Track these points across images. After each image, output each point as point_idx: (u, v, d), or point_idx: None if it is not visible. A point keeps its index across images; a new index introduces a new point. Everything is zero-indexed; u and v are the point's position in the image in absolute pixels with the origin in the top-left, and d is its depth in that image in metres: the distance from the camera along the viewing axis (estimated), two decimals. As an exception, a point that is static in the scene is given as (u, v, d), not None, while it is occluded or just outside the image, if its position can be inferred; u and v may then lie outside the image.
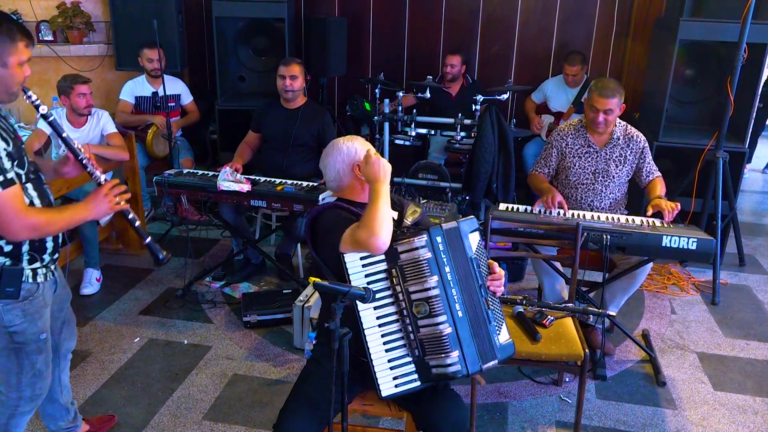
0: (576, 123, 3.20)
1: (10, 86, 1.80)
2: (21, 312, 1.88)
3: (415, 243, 1.80)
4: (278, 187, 3.40)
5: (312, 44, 4.81)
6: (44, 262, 1.93)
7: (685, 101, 4.23)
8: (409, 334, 1.82)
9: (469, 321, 1.85)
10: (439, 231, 1.83)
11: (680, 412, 2.75)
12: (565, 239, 2.72)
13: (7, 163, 1.72)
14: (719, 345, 3.30)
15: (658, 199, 2.95)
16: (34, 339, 1.93)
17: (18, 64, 1.78)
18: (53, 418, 2.28)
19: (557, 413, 2.72)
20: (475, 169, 4.00)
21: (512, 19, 5.06)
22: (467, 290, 1.87)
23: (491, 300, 1.93)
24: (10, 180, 1.73)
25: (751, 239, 4.71)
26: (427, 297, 1.79)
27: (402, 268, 1.81)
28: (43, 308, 1.95)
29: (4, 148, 1.72)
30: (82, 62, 4.82)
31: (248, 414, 2.65)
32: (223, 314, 3.46)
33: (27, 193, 1.84)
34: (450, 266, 1.83)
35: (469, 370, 1.81)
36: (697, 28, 3.80)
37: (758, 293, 3.91)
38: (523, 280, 3.93)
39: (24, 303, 1.88)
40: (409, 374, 1.82)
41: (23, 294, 1.87)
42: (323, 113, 3.84)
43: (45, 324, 1.97)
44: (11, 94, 1.82)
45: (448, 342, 1.79)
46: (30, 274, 1.89)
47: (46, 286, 1.95)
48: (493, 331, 1.89)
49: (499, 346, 1.91)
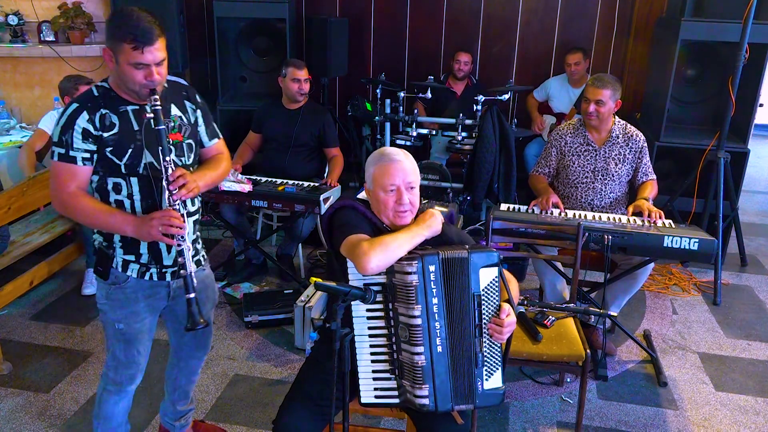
0: (575, 122, 3.20)
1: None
2: (105, 293, 1.99)
3: (405, 267, 1.69)
4: (279, 187, 3.40)
5: (313, 44, 4.81)
6: (141, 260, 1.96)
7: (687, 101, 4.23)
8: (393, 353, 1.78)
9: (449, 358, 1.74)
10: (435, 260, 1.70)
11: (682, 413, 2.75)
12: (566, 239, 2.71)
13: (78, 141, 1.81)
14: (721, 345, 3.29)
15: (643, 201, 2.96)
16: (111, 324, 2.01)
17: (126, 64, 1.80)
18: (162, 411, 2.41)
19: (558, 414, 2.72)
20: (477, 169, 4.00)
21: (513, 19, 5.05)
22: (457, 326, 1.75)
23: (487, 343, 1.78)
24: (71, 157, 1.82)
25: (752, 239, 4.71)
26: (408, 323, 1.72)
27: (395, 287, 1.73)
28: (128, 301, 1.99)
29: (83, 128, 1.81)
30: (83, 63, 4.82)
31: (249, 414, 2.66)
32: (224, 314, 3.46)
33: (126, 185, 1.88)
34: (439, 298, 1.72)
35: (438, 407, 1.74)
36: (698, 28, 3.80)
37: (760, 293, 3.90)
38: (525, 280, 3.92)
39: (110, 287, 1.97)
40: (390, 390, 1.80)
41: (111, 279, 1.96)
42: (324, 113, 3.84)
43: (128, 317, 2.00)
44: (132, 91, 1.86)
45: (420, 374, 1.72)
46: (121, 262, 1.95)
47: (138, 283, 1.98)
48: (478, 375, 1.77)
49: (481, 392, 1.78)
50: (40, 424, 2.57)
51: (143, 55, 1.77)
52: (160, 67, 1.82)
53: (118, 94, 1.88)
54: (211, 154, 2.18)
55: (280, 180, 3.53)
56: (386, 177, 1.85)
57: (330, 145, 3.81)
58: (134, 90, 1.84)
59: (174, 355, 2.31)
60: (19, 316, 3.39)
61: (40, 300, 3.55)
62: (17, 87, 4.82)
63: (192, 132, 2.04)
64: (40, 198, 3.34)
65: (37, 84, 4.83)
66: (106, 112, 1.84)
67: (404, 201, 1.84)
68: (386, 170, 1.85)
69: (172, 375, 2.32)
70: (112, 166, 1.87)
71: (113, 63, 1.81)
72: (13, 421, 2.58)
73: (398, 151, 1.91)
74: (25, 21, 4.81)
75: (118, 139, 1.85)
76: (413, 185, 1.87)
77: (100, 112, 1.84)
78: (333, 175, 3.66)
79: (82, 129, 1.82)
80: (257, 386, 2.84)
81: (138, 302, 2.00)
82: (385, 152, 1.91)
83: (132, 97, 1.87)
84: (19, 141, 4.12)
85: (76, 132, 1.81)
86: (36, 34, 4.86)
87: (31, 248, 3.41)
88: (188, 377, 2.33)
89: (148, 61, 1.78)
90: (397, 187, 1.84)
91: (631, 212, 2.92)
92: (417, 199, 1.88)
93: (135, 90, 1.83)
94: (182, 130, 1.99)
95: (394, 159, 1.87)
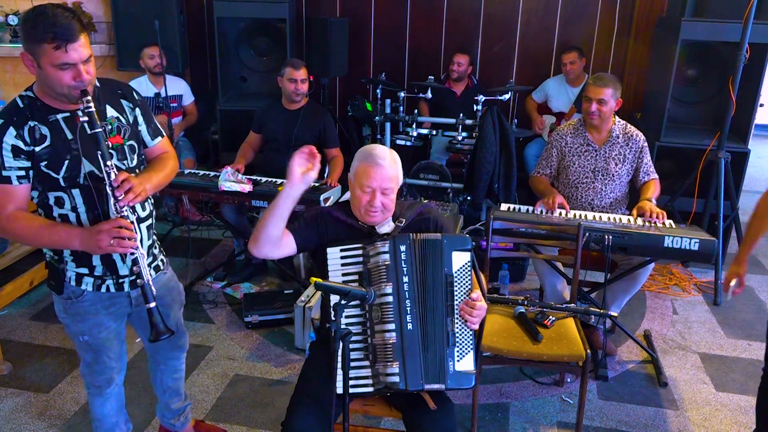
0: (575, 123, 3.20)
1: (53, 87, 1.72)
2: (62, 307, 1.94)
3: (379, 248, 1.83)
4: (279, 187, 3.40)
5: (313, 45, 4.82)
6: (95, 272, 1.88)
7: (687, 101, 4.23)
8: (367, 338, 1.84)
9: (420, 336, 1.81)
10: (407, 240, 1.83)
11: (682, 413, 2.74)
12: (566, 240, 2.71)
13: (10, 160, 1.70)
14: (721, 345, 3.29)
15: (646, 202, 2.96)
16: (75, 337, 1.99)
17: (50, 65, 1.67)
18: (160, 414, 2.42)
19: (559, 414, 2.72)
20: (477, 169, 4.00)
21: (514, 20, 5.05)
22: (429, 305, 1.83)
23: (459, 325, 1.84)
24: (5, 177, 1.71)
25: (753, 239, 4.70)
26: (380, 303, 1.81)
27: (369, 272, 1.84)
28: (88, 314, 1.93)
29: (12, 144, 1.69)
30: (83, 63, 4.81)
31: (250, 414, 2.66)
32: (224, 314, 3.46)
33: (68, 198, 1.79)
34: (410, 277, 1.82)
35: (409, 385, 1.78)
36: (698, 28, 3.79)
37: (760, 293, 3.90)
38: (525, 280, 3.92)
39: (65, 301, 1.92)
40: (364, 378, 1.84)
41: (66, 293, 1.90)
42: (324, 113, 3.84)
43: (91, 328, 1.95)
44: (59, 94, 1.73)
45: (391, 351, 1.79)
46: (74, 276, 1.88)
47: (96, 296, 1.91)
48: (449, 355, 1.81)
49: (453, 372, 1.81)
50: (40, 424, 2.57)
51: (67, 53, 1.63)
52: (87, 65, 1.69)
53: (46, 103, 1.74)
54: (156, 154, 2.04)
55: (281, 180, 3.53)
56: (365, 177, 1.90)
57: (330, 146, 3.81)
58: (63, 94, 1.70)
59: (151, 359, 2.29)
60: (19, 316, 3.39)
61: (40, 300, 3.54)
62: (17, 87, 4.82)
63: (132, 132, 1.91)
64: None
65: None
66: (35, 124, 1.71)
67: (375, 204, 1.91)
68: (367, 171, 1.91)
69: (157, 378, 2.31)
70: (49, 180, 1.75)
71: (35, 68, 1.67)
72: (13, 421, 2.58)
73: (386, 154, 1.94)
74: (26, 21, 4.81)
75: (52, 151, 1.72)
76: (388, 192, 1.92)
77: (28, 125, 1.71)
78: (333, 175, 3.66)
79: (11, 146, 1.69)
80: (257, 386, 2.84)
81: (98, 314, 1.94)
82: (374, 153, 1.94)
83: (61, 104, 1.74)
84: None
85: (5, 150, 1.69)
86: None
87: (31, 248, 3.41)
88: (172, 376, 2.31)
89: (73, 60, 1.64)
90: (373, 190, 1.90)
91: (636, 214, 2.91)
92: (391, 203, 1.94)
93: (64, 93, 1.69)
94: (121, 131, 1.86)
95: (378, 162, 1.91)
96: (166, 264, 2.14)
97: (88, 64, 1.69)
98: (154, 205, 2.04)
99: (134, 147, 1.92)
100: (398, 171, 1.95)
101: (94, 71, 1.74)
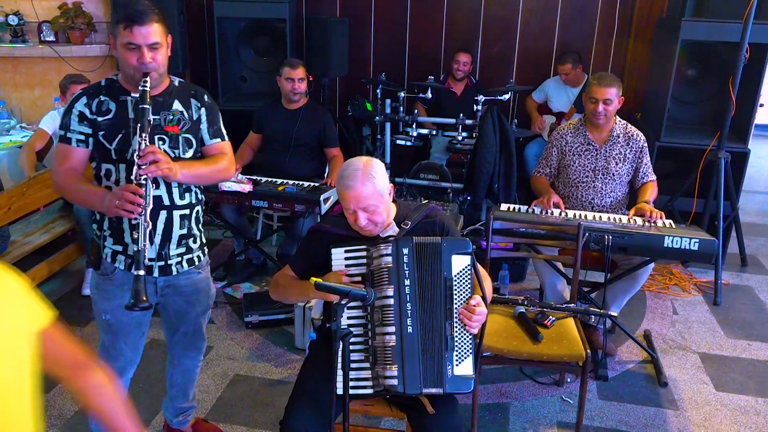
0: (576, 122, 3.20)
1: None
2: (96, 283, 2.05)
3: (382, 250, 1.83)
4: (279, 187, 3.40)
5: (313, 45, 4.81)
6: (129, 252, 1.98)
7: (687, 101, 4.23)
8: (368, 340, 1.84)
9: (420, 339, 1.81)
10: (409, 244, 1.83)
11: (682, 413, 2.74)
12: (566, 239, 2.71)
13: (75, 123, 1.90)
14: (721, 345, 3.29)
15: (644, 204, 2.96)
16: (99, 314, 2.06)
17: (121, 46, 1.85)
18: (164, 407, 2.46)
19: (559, 414, 2.72)
20: (477, 169, 4.00)
21: (513, 20, 5.05)
22: (429, 309, 1.82)
23: (459, 329, 1.83)
24: (67, 138, 1.92)
25: (753, 239, 4.71)
26: (381, 305, 1.81)
27: (372, 274, 1.85)
28: (116, 293, 2.01)
29: (80, 111, 1.90)
30: (83, 63, 4.81)
31: (250, 414, 2.66)
32: (224, 314, 3.46)
33: (115, 171, 1.93)
34: (411, 280, 1.81)
35: (407, 389, 1.78)
36: (698, 28, 3.79)
37: (760, 294, 3.90)
38: (525, 280, 3.92)
39: (100, 277, 2.03)
40: (364, 380, 1.84)
41: (101, 269, 2.02)
42: (324, 113, 3.84)
43: (115, 309, 2.01)
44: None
45: (390, 354, 1.79)
46: (110, 253, 2.00)
47: (125, 276, 1.98)
48: (448, 359, 1.81)
49: (451, 377, 1.80)
50: (40, 424, 2.57)
51: (132, 34, 1.80)
52: (154, 52, 1.85)
53: (122, 85, 1.94)
54: (211, 153, 2.13)
55: (281, 180, 3.53)
56: (343, 200, 1.90)
57: (330, 145, 3.80)
58: (130, 75, 1.87)
59: (169, 353, 2.34)
60: (19, 316, 3.38)
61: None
62: (17, 87, 4.82)
63: (192, 128, 2.04)
64: (41, 198, 3.34)
65: (37, 84, 4.83)
66: (105, 99, 1.92)
67: (360, 223, 1.86)
68: (342, 194, 1.88)
69: (169, 372, 2.36)
70: (103, 150, 1.92)
71: (115, 49, 1.87)
72: (13, 421, 2.58)
73: (356, 173, 1.85)
74: (26, 21, 4.81)
75: (111, 123, 1.90)
76: (371, 208, 1.85)
77: (98, 99, 1.91)
78: (333, 175, 3.65)
79: (79, 112, 1.90)
80: (257, 386, 2.84)
81: (125, 297, 1.97)
82: (344, 174, 1.87)
83: (134, 88, 1.89)
84: (19, 141, 4.12)
85: (73, 115, 1.90)
86: (36, 34, 4.86)
87: (31, 248, 3.41)
88: (184, 375, 2.35)
89: (137, 41, 1.81)
90: (354, 211, 1.86)
91: (633, 214, 2.92)
92: (379, 216, 1.87)
93: (131, 75, 1.87)
94: (180, 123, 2.00)
95: (347, 185, 1.84)
96: (204, 265, 2.18)
97: (154, 52, 1.85)
98: (199, 201, 2.10)
99: (190, 141, 2.03)
100: (375, 185, 1.84)
101: (162, 60, 1.89)
